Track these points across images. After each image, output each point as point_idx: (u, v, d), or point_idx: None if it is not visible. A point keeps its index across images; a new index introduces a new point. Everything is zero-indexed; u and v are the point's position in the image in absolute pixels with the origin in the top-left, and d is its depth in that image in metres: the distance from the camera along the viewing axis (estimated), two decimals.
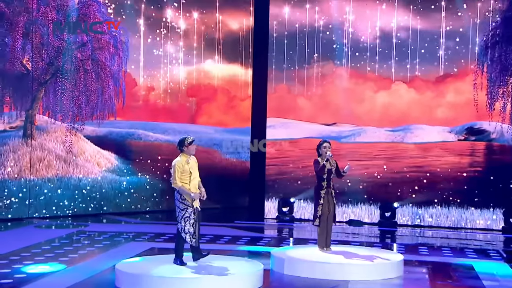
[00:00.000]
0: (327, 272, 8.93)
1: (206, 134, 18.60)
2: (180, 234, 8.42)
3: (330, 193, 9.83)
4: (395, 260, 9.48)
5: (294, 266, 9.16)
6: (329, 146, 9.83)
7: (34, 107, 15.69)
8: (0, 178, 15.16)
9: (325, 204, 9.83)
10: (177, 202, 8.39)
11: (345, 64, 16.38)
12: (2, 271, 9.00)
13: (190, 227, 8.43)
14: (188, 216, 8.43)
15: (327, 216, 9.82)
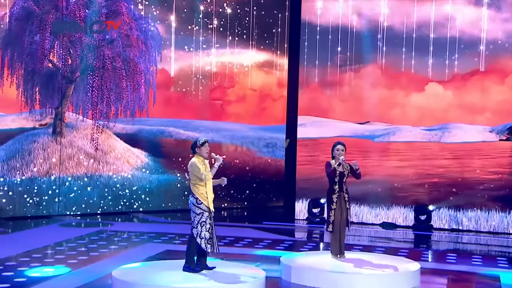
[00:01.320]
0: (334, 282, 8.55)
1: (240, 132, 18.36)
2: (194, 240, 8.21)
3: (342, 197, 9.44)
4: (409, 270, 9.02)
5: (301, 274, 8.81)
6: (342, 148, 9.43)
7: (63, 104, 15.76)
8: (30, 176, 15.30)
9: (337, 209, 9.44)
10: (193, 206, 8.18)
11: (380, 60, 15.85)
12: (5, 274, 8.95)
13: (206, 232, 8.22)
14: (204, 221, 8.22)
15: (340, 222, 9.43)
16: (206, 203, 8.28)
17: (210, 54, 17.79)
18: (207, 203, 8.29)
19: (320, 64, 16.27)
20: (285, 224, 15.46)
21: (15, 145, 15.28)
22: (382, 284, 8.58)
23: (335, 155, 9.47)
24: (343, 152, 9.38)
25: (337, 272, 8.68)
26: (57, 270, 9.30)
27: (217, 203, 17.41)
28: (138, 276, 7.88)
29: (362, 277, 8.62)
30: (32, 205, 15.23)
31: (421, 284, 9.04)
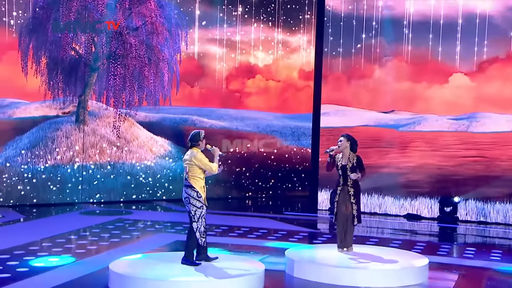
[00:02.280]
0: (335, 276, 8.39)
1: (264, 121, 18.22)
2: (194, 233, 8.16)
3: (346, 191, 9.24)
4: (415, 265, 8.79)
5: (303, 268, 8.67)
6: (340, 139, 9.24)
7: (87, 92, 15.86)
8: (53, 163, 15.48)
9: (340, 202, 9.27)
10: (193, 200, 8.10)
11: (405, 47, 15.47)
12: (10, 263, 9.05)
13: (202, 226, 8.18)
14: (204, 215, 8.17)
15: (346, 215, 9.24)
16: (204, 197, 8.20)
17: (234, 42, 17.65)
18: (204, 197, 8.21)
19: (344, 52, 15.95)
20: (306, 214, 15.29)
21: (39, 133, 15.47)
22: (385, 280, 8.37)
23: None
24: (342, 144, 9.18)
25: (339, 267, 8.50)
26: (61, 260, 9.34)
27: (241, 192, 17.55)
28: (134, 269, 7.85)
29: (364, 272, 8.44)
30: (56, 192, 15.40)
31: (429, 280, 8.77)
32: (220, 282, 7.56)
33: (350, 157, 9.19)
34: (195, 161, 8.13)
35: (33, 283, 7.92)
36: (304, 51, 18.35)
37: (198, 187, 8.17)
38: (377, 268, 8.55)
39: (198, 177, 8.19)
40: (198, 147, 8.26)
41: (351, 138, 9.32)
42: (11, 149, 15.16)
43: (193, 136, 8.32)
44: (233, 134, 17.67)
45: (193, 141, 8.29)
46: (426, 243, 11.87)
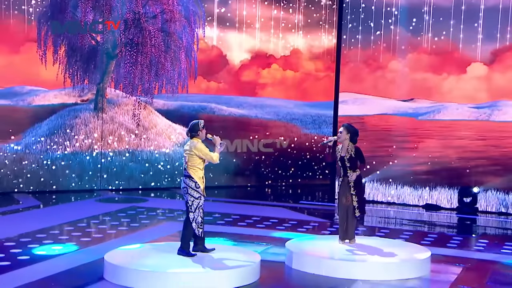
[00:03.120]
0: (332, 269, 8.31)
1: (284, 108, 18.13)
2: (190, 224, 8.16)
3: (346, 182, 9.13)
4: (415, 258, 8.66)
5: (302, 260, 8.61)
6: (340, 130, 9.13)
7: (105, 80, 15.97)
8: (72, 151, 15.67)
9: (340, 193, 9.18)
10: (191, 190, 8.09)
11: (426, 33, 15.17)
12: (13, 251, 9.19)
13: (200, 217, 8.17)
14: (201, 206, 8.16)
15: (346, 207, 9.14)
16: (202, 187, 8.18)
17: (254, 28, 17.56)
18: (203, 187, 8.19)
19: (363, 39, 15.73)
20: (323, 204, 15.18)
21: (58, 120, 15.66)
22: (382, 273, 8.27)
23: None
24: (342, 135, 9.06)
25: (336, 259, 8.42)
26: (64, 248, 9.45)
27: (261, 180, 17.51)
28: (129, 260, 7.87)
29: (362, 264, 8.34)
30: (75, 179, 15.60)
31: (430, 273, 8.64)
32: (213, 273, 7.56)
33: (348, 148, 9.07)
34: (195, 151, 8.12)
35: (29, 272, 8.02)
36: (325, 38, 18.14)
37: (196, 178, 8.15)
38: (375, 261, 8.45)
39: (197, 167, 8.17)
40: (198, 137, 8.24)
41: (352, 129, 9.18)
42: (31, 136, 15.39)
43: (193, 126, 8.29)
44: (252, 122, 17.61)
45: (193, 131, 8.26)
46: (438, 235, 11.68)
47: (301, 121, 18.25)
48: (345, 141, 9.15)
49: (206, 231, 10.38)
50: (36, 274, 7.96)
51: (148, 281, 7.36)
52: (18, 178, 15.14)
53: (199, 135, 8.25)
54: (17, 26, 15.01)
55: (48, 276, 7.89)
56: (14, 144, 15.22)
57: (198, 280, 7.47)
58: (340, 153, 9.17)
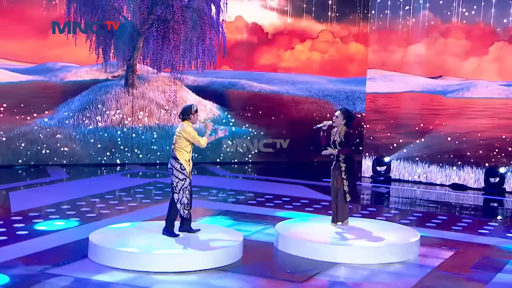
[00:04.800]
0: (314, 251, 8.34)
1: (317, 85, 18.01)
2: (175, 205, 8.35)
3: (338, 166, 9.07)
4: (401, 242, 8.59)
5: (287, 242, 8.68)
6: (336, 115, 9.03)
7: (135, 56, 16.27)
8: (103, 125, 16.12)
9: (332, 176, 9.15)
10: (176, 171, 8.25)
11: (456, 9, 14.71)
12: (16, 225, 9.62)
13: (185, 198, 8.33)
14: (186, 187, 8.31)
15: (336, 190, 9.11)
16: (188, 170, 8.31)
17: (286, 6, 17.44)
18: (189, 170, 8.32)
19: (392, 16, 15.41)
20: None
21: (89, 96, 16.10)
22: (364, 257, 8.25)
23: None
24: (337, 120, 8.97)
25: (319, 243, 8.44)
26: (66, 224, 9.81)
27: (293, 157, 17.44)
28: (111, 239, 8.09)
29: (344, 248, 8.34)
30: (106, 154, 16.05)
31: (417, 257, 8.57)
32: (192, 254, 7.74)
33: (341, 133, 8.99)
34: (184, 134, 8.25)
35: (18, 248, 8.38)
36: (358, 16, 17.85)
37: (182, 160, 8.28)
38: (359, 245, 8.43)
39: (184, 149, 8.30)
40: (190, 120, 8.35)
41: (348, 113, 9.09)
42: (63, 111, 15.91)
43: (184, 109, 8.42)
44: (284, 98, 17.59)
45: (185, 114, 8.38)
46: (448, 217, 11.46)
47: (334, 97, 18.09)
48: (340, 126, 9.08)
49: (213, 208, 10.61)
50: (24, 249, 8.32)
51: (125, 261, 7.58)
52: (52, 151, 15.70)
53: (191, 118, 8.36)
54: (49, 4, 15.40)
55: (35, 252, 8.23)
56: (48, 119, 15.77)
57: (177, 260, 7.62)
58: (333, 137, 9.11)
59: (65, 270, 7.55)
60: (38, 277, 7.26)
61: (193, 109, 8.34)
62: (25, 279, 7.20)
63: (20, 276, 7.29)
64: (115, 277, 7.38)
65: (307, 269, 7.89)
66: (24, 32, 15.26)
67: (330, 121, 9.14)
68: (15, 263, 7.75)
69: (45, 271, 7.46)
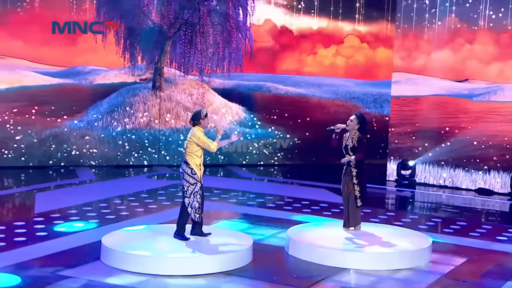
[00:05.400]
0: (323, 257, 8.39)
1: (344, 87, 17.99)
2: (186, 209, 8.49)
3: (349, 171, 9.10)
4: (409, 249, 8.58)
5: (297, 247, 8.74)
6: (352, 118, 9.06)
7: (162, 60, 16.51)
8: (131, 127, 16.39)
9: (343, 181, 9.17)
10: (187, 176, 8.40)
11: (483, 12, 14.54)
12: (37, 226, 9.89)
13: (196, 202, 8.47)
14: (197, 191, 8.45)
15: (347, 195, 9.14)
16: (199, 174, 8.43)
17: (312, 7, 17.47)
18: (200, 174, 8.44)
19: (417, 19, 15.31)
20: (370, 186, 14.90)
21: (118, 98, 16.40)
22: (374, 262, 8.27)
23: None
24: (352, 124, 8.99)
25: (327, 248, 8.48)
26: (85, 226, 10.04)
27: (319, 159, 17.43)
28: (122, 242, 8.25)
29: (353, 254, 8.36)
30: (134, 155, 16.32)
31: (429, 264, 8.54)
32: (201, 258, 7.86)
33: (354, 138, 9.01)
34: (194, 139, 8.39)
35: (34, 249, 8.62)
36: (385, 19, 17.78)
37: (193, 164, 8.42)
38: (368, 251, 8.44)
39: (194, 154, 8.44)
40: (200, 125, 8.47)
41: (363, 119, 9.09)
42: (92, 114, 16.23)
43: (195, 114, 8.56)
44: (310, 101, 17.63)
45: (195, 119, 8.53)
46: (468, 222, 11.35)
47: (361, 100, 18.05)
48: (353, 131, 9.10)
49: (231, 211, 10.72)
50: (41, 251, 8.55)
51: (134, 264, 7.74)
52: (81, 153, 16.02)
53: (201, 123, 8.49)
54: (79, 8, 15.73)
55: (51, 253, 8.45)
56: (77, 121, 16.10)
57: (185, 264, 7.76)
58: (346, 142, 9.13)
59: (76, 272, 7.73)
60: (50, 279, 7.45)
61: (203, 114, 8.46)
62: (37, 281, 7.40)
63: (32, 278, 7.50)
64: (124, 280, 7.53)
65: (313, 275, 7.93)
66: (55, 36, 15.58)
67: (344, 124, 9.15)
68: (30, 264, 7.97)
69: (57, 273, 7.65)
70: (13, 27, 15.29)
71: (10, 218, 10.80)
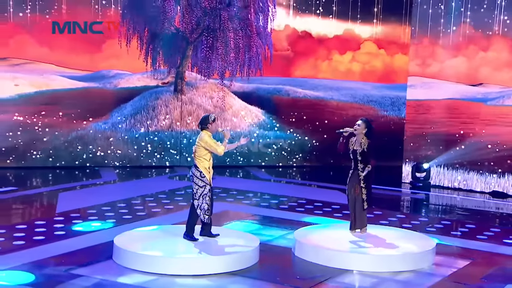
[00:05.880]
0: (328, 258, 8.45)
1: (362, 90, 17.99)
2: (195, 210, 8.63)
3: (356, 175, 9.14)
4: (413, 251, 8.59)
5: (303, 248, 8.82)
6: (359, 123, 9.10)
7: (184, 64, 16.69)
8: (154, 129, 16.61)
9: (349, 184, 9.22)
10: (196, 179, 8.53)
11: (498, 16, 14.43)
12: (57, 225, 10.11)
13: (205, 204, 8.59)
14: (206, 194, 8.57)
15: (354, 198, 9.18)
16: (208, 177, 8.55)
17: (331, 15, 17.49)
18: (209, 177, 8.56)
19: (433, 23, 15.25)
20: (385, 188, 14.90)
21: (141, 102, 16.63)
22: (377, 264, 8.31)
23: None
24: (359, 128, 9.03)
25: (331, 250, 8.54)
26: (102, 225, 10.24)
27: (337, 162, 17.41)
28: (134, 243, 8.40)
29: (357, 255, 8.42)
30: (156, 156, 16.54)
31: (432, 267, 8.55)
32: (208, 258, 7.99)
33: (362, 143, 9.06)
34: (201, 143, 8.50)
35: (51, 248, 8.83)
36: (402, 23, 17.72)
37: (201, 168, 8.53)
38: (372, 253, 8.49)
39: (203, 158, 8.55)
40: (208, 130, 8.58)
41: (370, 124, 9.14)
42: (116, 116, 16.49)
43: (203, 119, 8.67)
44: (328, 104, 17.67)
45: (203, 124, 8.63)
46: (476, 225, 11.29)
47: (379, 103, 18.02)
48: (360, 135, 9.14)
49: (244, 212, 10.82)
50: (57, 249, 8.76)
51: (143, 263, 7.89)
52: (105, 154, 16.29)
53: (209, 128, 8.59)
54: (104, 15, 15.99)
55: (66, 252, 8.64)
56: (102, 123, 16.36)
57: (193, 264, 7.90)
58: (353, 146, 9.17)
59: (88, 271, 7.91)
60: (62, 277, 7.64)
61: (211, 119, 8.57)
62: (50, 279, 7.60)
63: (46, 276, 7.70)
64: (133, 279, 7.69)
65: (316, 276, 8.00)
66: (80, 42, 15.87)
67: (351, 128, 9.17)
68: (45, 263, 8.18)
69: (70, 271, 7.83)
70: (41, 34, 15.61)
71: (32, 217, 11.02)
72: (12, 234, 9.52)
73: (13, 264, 8.03)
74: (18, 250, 8.75)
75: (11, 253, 8.56)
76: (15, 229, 9.81)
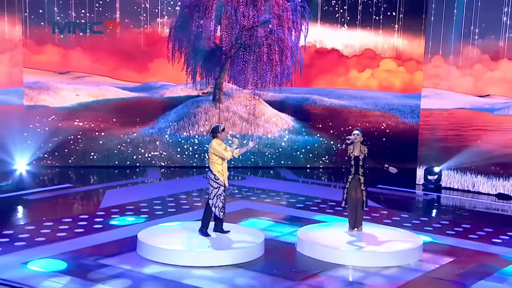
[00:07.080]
0: (324, 255, 8.72)
1: (384, 99, 18.06)
2: (210, 208, 9.04)
3: (357, 179, 9.39)
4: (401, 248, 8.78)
5: (303, 244, 9.13)
6: (357, 133, 9.34)
7: (222, 76, 17.15)
8: (195, 134, 17.14)
9: (351, 188, 9.43)
10: (211, 181, 8.95)
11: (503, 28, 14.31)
12: (97, 219, 10.68)
13: (220, 202, 9.00)
14: (220, 194, 8.99)
15: (355, 200, 9.43)
16: (222, 179, 8.93)
17: (355, 29, 17.63)
18: (223, 179, 8.94)
19: (445, 36, 15.23)
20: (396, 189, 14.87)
21: (183, 109, 17.17)
22: (367, 259, 8.54)
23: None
24: (358, 137, 9.29)
25: (327, 247, 8.80)
26: (135, 220, 10.75)
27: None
28: (155, 237, 8.86)
29: (348, 252, 8.66)
30: (197, 157, 17.06)
31: (417, 263, 8.72)
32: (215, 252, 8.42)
33: (361, 149, 9.32)
34: (212, 150, 8.89)
35: (85, 240, 9.37)
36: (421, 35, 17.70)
37: (215, 171, 8.93)
38: (365, 249, 8.71)
39: (216, 163, 8.94)
40: (218, 138, 8.96)
41: (363, 133, 9.41)
42: (162, 122, 17.07)
43: (213, 129, 9.04)
44: (352, 111, 17.83)
45: (213, 133, 9.02)
46: (472, 225, 11.31)
47: (399, 111, 18.06)
48: (358, 143, 9.38)
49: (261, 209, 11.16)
50: (91, 241, 9.30)
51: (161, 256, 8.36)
52: (152, 155, 16.91)
53: (218, 136, 8.97)
54: (152, 34, 16.60)
55: (96, 244, 9.17)
56: (150, 128, 16.97)
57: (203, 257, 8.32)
58: (354, 153, 9.41)
59: (114, 261, 8.40)
60: (91, 266, 8.17)
61: (220, 129, 8.94)
62: (80, 267, 8.13)
63: (77, 264, 8.24)
64: (151, 270, 8.14)
65: (310, 269, 8.29)
66: (132, 58, 16.54)
67: (353, 137, 9.39)
68: (78, 253, 8.72)
69: (98, 261, 8.36)
70: (99, 52, 16.35)
71: (78, 212, 11.62)
72: (58, 226, 10.11)
73: (52, 253, 8.59)
74: (60, 241, 9.32)
75: (53, 243, 9.14)
76: (61, 222, 10.40)
